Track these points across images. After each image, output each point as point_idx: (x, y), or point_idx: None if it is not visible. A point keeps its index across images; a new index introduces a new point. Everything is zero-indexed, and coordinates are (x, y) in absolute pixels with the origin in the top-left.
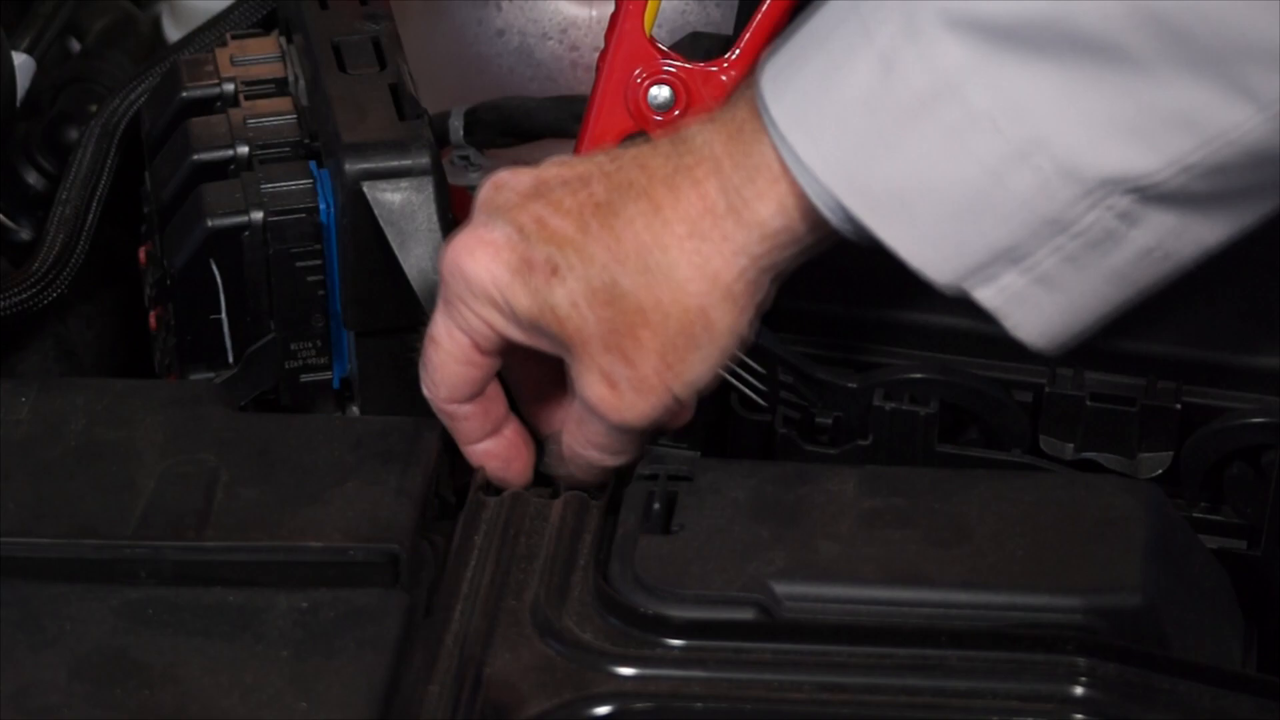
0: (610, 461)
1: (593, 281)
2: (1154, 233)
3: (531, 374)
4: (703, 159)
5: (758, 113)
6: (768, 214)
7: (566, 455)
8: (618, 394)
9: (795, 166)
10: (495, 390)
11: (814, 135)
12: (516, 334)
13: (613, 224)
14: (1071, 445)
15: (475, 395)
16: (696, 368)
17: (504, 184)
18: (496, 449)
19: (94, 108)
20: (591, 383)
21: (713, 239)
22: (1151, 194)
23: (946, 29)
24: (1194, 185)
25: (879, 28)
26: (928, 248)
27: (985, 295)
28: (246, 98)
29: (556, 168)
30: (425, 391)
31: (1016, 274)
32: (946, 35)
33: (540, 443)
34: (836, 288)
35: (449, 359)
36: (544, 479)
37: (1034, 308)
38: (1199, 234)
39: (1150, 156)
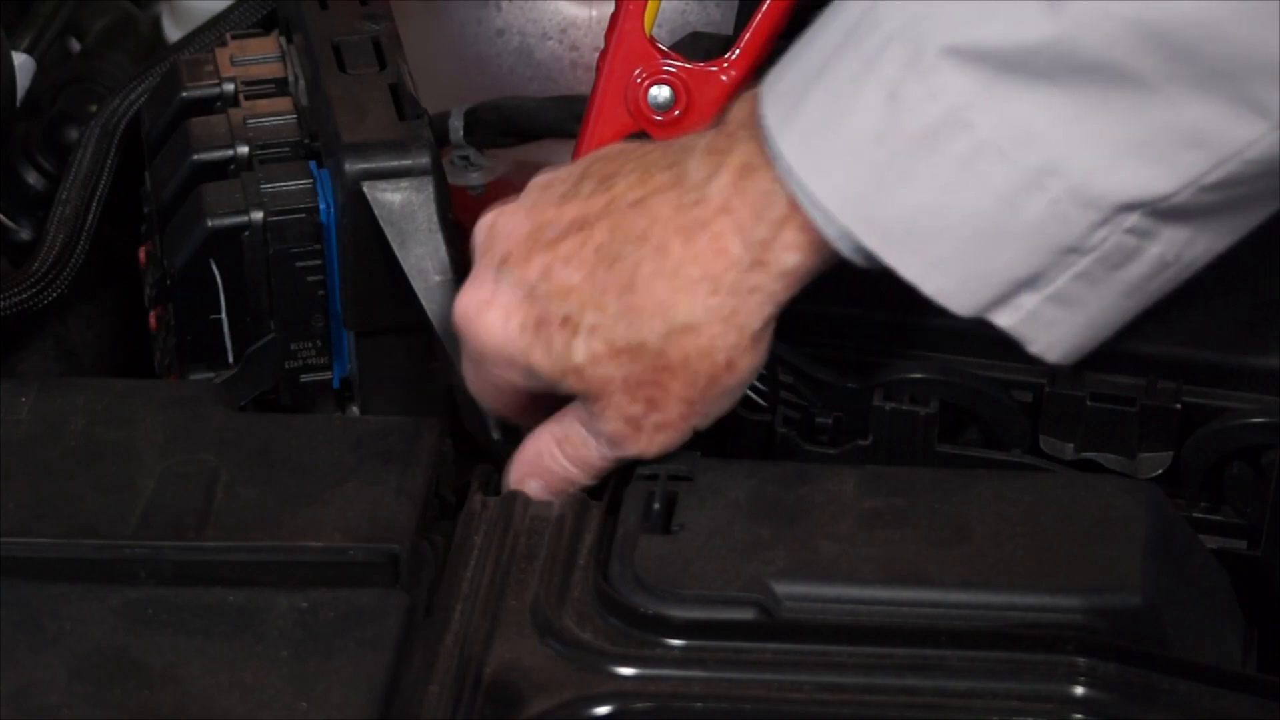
0: (585, 482)
1: (612, 335)
2: (1168, 245)
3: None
4: (716, 210)
5: (763, 149)
6: (792, 263)
7: (531, 466)
8: (640, 432)
9: (809, 206)
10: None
11: (826, 174)
12: (535, 386)
13: (624, 275)
14: (1071, 445)
15: (508, 402)
16: (720, 405)
17: (498, 227)
18: (539, 420)
19: (94, 108)
20: (613, 422)
21: (739, 293)
22: (1165, 211)
23: (950, 60)
24: (1206, 199)
25: (882, 60)
26: (947, 279)
27: (1005, 319)
28: (246, 98)
29: (549, 209)
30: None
31: (1034, 296)
32: (950, 66)
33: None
34: (837, 288)
35: (483, 396)
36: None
37: (1054, 327)
38: (1211, 241)
39: (1165, 178)
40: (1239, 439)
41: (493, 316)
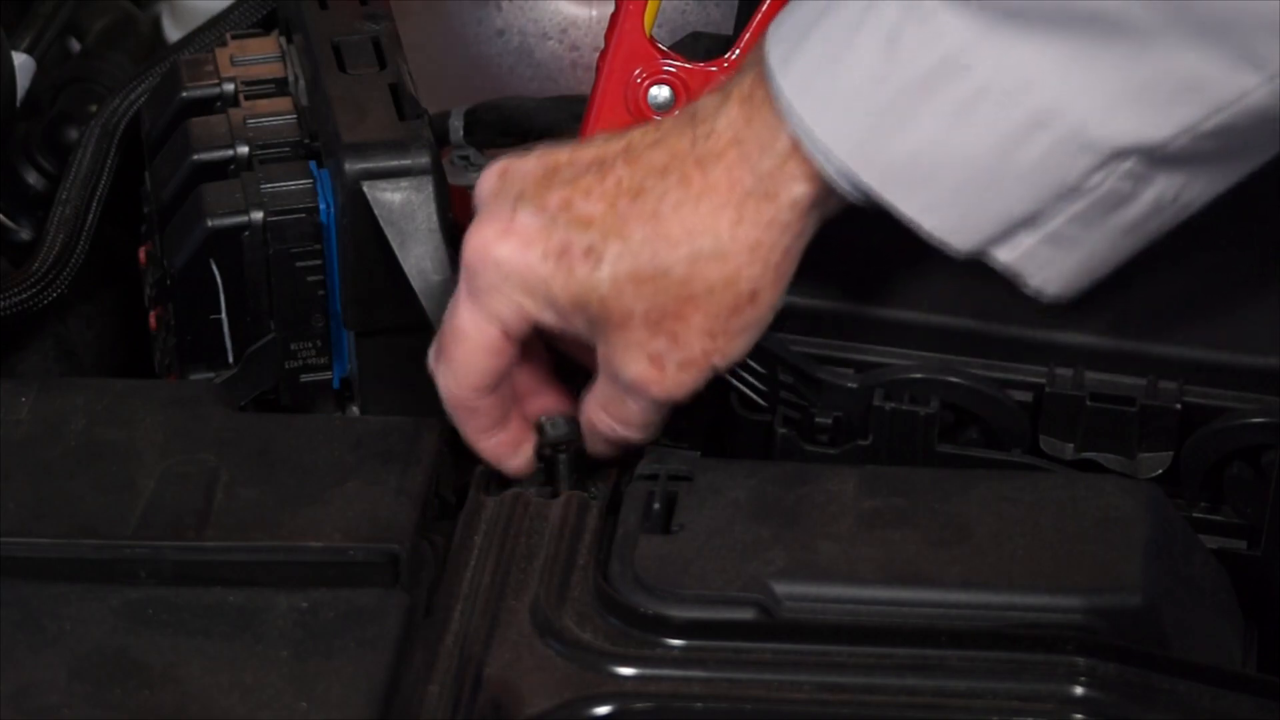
0: (641, 437)
1: (637, 263)
2: (1165, 188)
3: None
4: (728, 142)
5: (769, 92)
6: (800, 193)
7: (590, 434)
8: (663, 372)
9: (809, 144)
10: (507, 381)
11: (825, 114)
12: (551, 319)
13: (647, 206)
14: (1071, 445)
15: (497, 386)
16: (741, 341)
17: (511, 171)
18: (507, 439)
19: (94, 108)
20: (634, 362)
21: (760, 223)
22: (1161, 156)
23: (949, 4)
24: (1203, 145)
25: (881, 3)
26: (944, 219)
27: (1003, 257)
28: (246, 98)
29: (564, 153)
30: (445, 385)
31: (1031, 235)
32: (949, 11)
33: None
34: (837, 286)
35: (476, 350)
36: (540, 472)
37: (1050, 265)
38: (1209, 184)
39: (1160, 125)
40: (1239, 439)
41: (511, 245)
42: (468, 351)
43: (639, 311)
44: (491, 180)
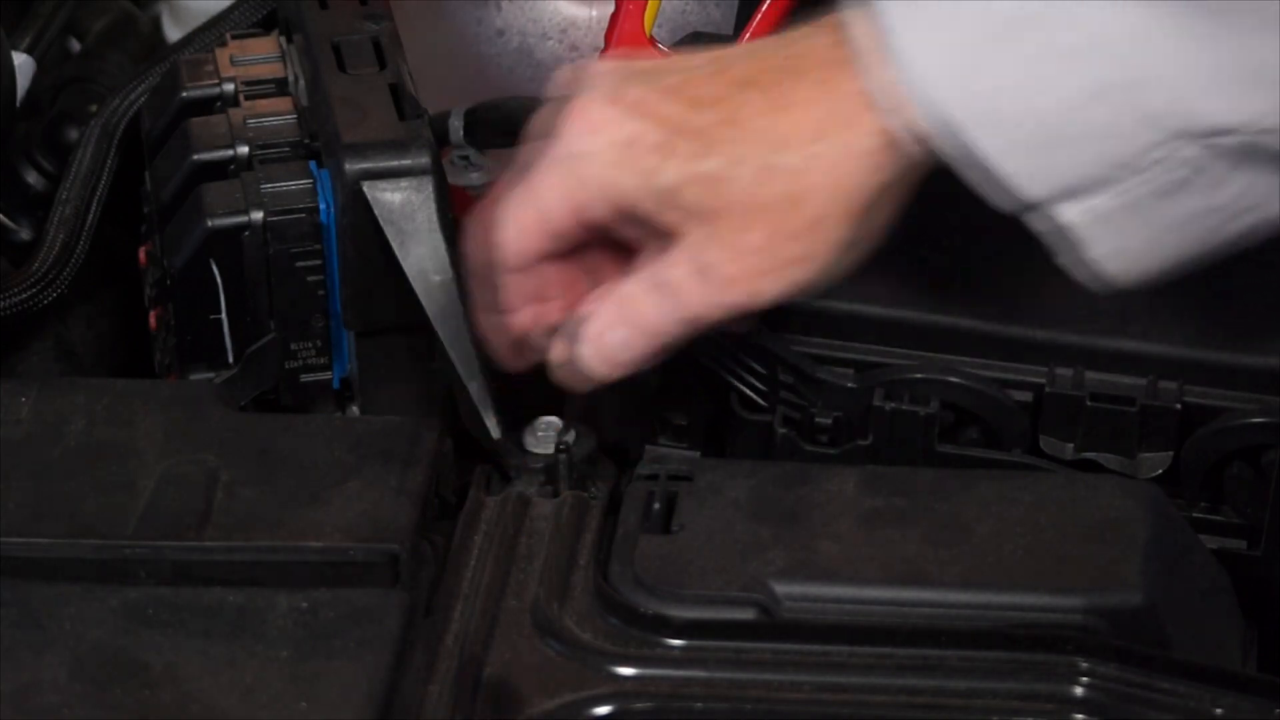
0: (623, 357)
1: (706, 164)
2: (1222, 190)
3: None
4: (814, 64)
5: (866, 21)
6: (875, 126)
7: (566, 338)
8: (702, 284)
9: (907, 71)
10: (535, 271)
11: (926, 40)
12: (605, 213)
13: (725, 113)
14: (1071, 445)
15: (519, 268)
16: (787, 278)
17: (591, 71)
18: (507, 328)
19: (94, 108)
20: (679, 267)
21: (834, 145)
22: (1224, 150)
23: None
24: (1268, 142)
25: None
26: (1020, 164)
27: (1069, 214)
28: (246, 98)
29: (646, 63)
30: (467, 247)
31: (1106, 198)
32: None
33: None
34: (837, 286)
35: (508, 228)
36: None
37: (1116, 233)
38: (1267, 202)
39: (1232, 111)
40: (1239, 439)
41: (583, 129)
42: (499, 226)
43: (701, 217)
44: (569, 75)
